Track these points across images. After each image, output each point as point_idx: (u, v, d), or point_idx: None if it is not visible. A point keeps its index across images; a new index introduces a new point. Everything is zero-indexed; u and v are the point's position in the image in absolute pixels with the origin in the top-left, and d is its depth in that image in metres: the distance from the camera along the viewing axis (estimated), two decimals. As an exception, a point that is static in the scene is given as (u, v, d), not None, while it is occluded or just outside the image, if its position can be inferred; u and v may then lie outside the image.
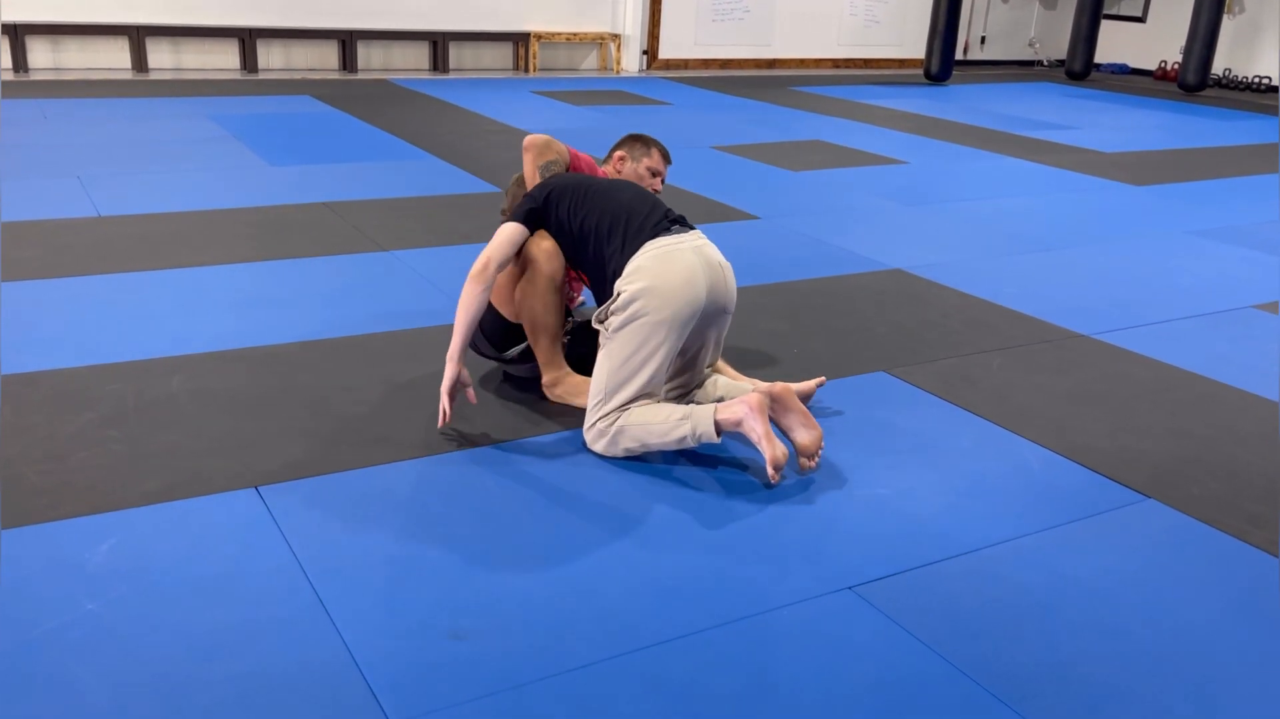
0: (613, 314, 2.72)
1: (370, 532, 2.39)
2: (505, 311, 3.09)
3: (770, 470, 2.61)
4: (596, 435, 2.76)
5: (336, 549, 2.31)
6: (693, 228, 2.86)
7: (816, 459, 2.71)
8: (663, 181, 3.42)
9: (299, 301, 3.85)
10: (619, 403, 2.71)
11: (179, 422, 2.86)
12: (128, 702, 1.82)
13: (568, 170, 3.21)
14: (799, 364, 3.49)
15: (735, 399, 2.67)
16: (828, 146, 7.56)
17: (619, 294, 2.71)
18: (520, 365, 3.24)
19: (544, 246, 2.91)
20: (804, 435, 2.69)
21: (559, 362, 3.05)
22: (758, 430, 2.60)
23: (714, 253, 2.82)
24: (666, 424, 2.67)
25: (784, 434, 2.69)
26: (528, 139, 3.22)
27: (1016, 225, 5.53)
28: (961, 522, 2.55)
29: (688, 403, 2.94)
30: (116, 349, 3.33)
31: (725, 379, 3.02)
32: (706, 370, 3.02)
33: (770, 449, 2.59)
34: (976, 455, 2.91)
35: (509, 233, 2.87)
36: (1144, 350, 3.77)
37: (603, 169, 3.39)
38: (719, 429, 2.64)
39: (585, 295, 3.73)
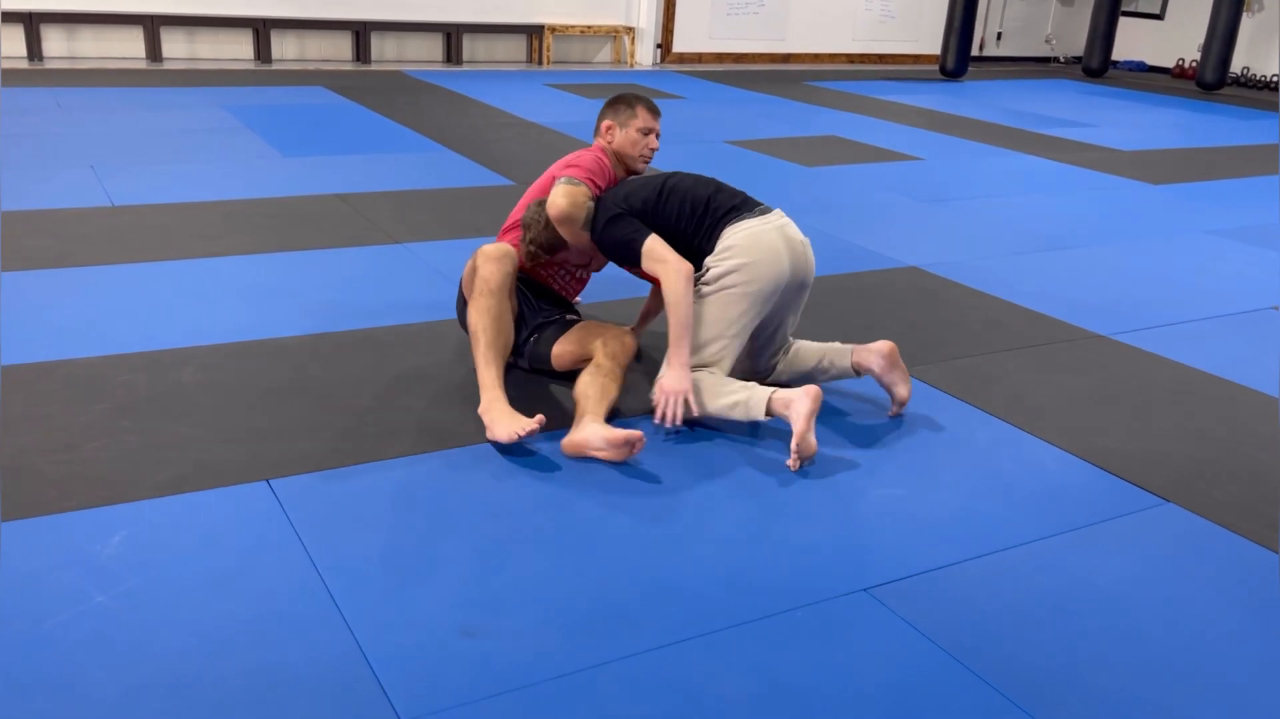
0: (701, 284, 2.90)
1: (382, 526, 2.37)
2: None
3: (794, 457, 2.72)
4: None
5: (348, 543, 2.29)
6: (772, 209, 3.01)
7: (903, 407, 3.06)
8: (658, 137, 3.23)
9: (311, 293, 3.84)
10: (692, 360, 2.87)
11: (191, 413, 2.85)
12: (137, 696, 1.81)
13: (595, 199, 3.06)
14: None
15: (793, 390, 2.79)
16: (842, 142, 7.52)
17: (708, 269, 2.90)
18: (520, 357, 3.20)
19: (487, 251, 2.95)
20: (905, 391, 3.03)
21: (492, 380, 2.84)
22: (801, 414, 2.73)
23: (795, 231, 3.00)
24: (725, 389, 2.85)
25: (888, 388, 3.02)
26: (553, 214, 2.98)
27: (1033, 223, 5.49)
28: (978, 524, 2.53)
29: (774, 368, 3.15)
30: (129, 339, 3.32)
31: (810, 346, 3.15)
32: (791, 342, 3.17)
33: (801, 437, 2.70)
34: (993, 457, 2.88)
35: (659, 242, 2.89)
36: (1163, 351, 3.73)
37: (597, 142, 3.25)
38: (769, 410, 2.79)
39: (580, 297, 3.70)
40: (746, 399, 2.80)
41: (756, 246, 2.87)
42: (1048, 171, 6.92)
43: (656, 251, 2.87)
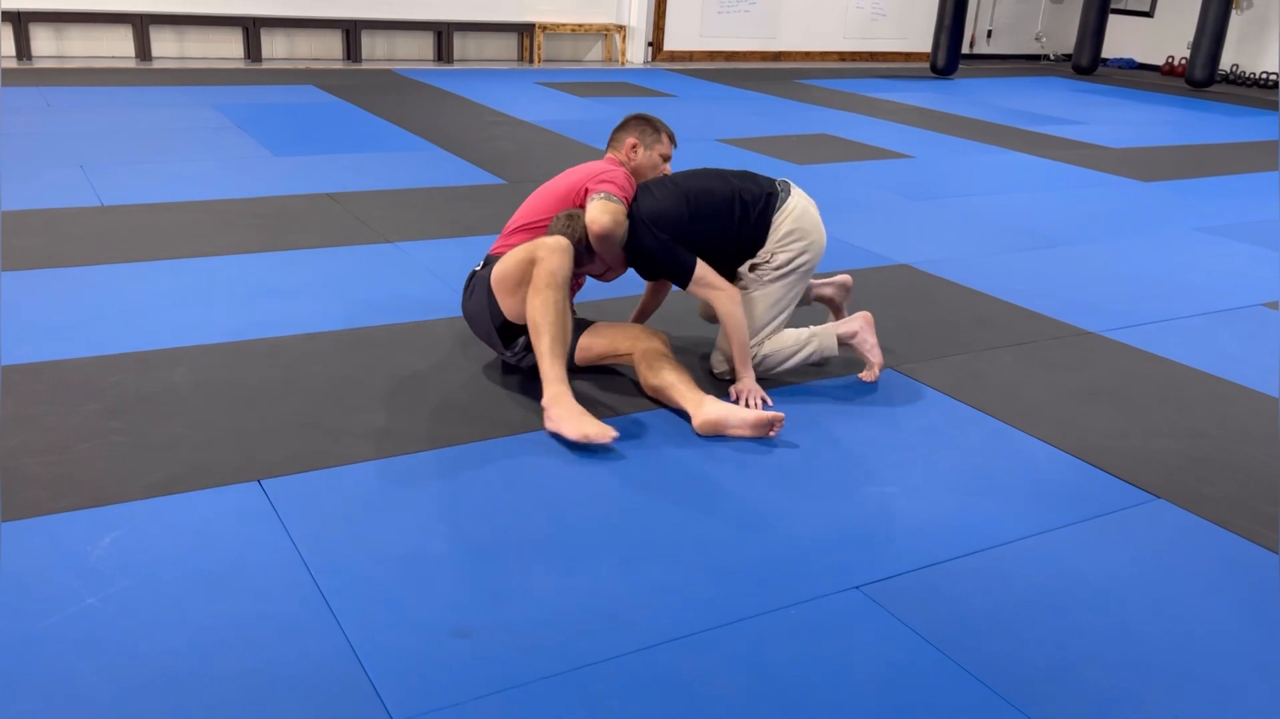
0: (772, 269, 3.14)
1: (374, 526, 2.37)
2: (504, 306, 3.05)
3: (876, 372, 3.28)
4: None
5: (340, 544, 2.29)
6: (789, 183, 3.22)
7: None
8: (669, 163, 3.34)
9: (302, 293, 3.83)
10: (764, 335, 3.17)
11: (182, 413, 2.85)
12: (129, 698, 1.80)
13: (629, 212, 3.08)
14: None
15: (851, 318, 3.28)
16: (833, 140, 7.53)
17: (773, 255, 3.13)
18: (525, 356, 3.21)
19: (550, 244, 2.90)
20: (879, 355, 3.31)
21: (559, 375, 2.87)
22: (869, 342, 3.26)
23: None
24: (797, 344, 3.21)
25: (866, 353, 3.27)
26: (596, 230, 2.96)
27: (1024, 220, 5.50)
28: (970, 520, 2.53)
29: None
30: (119, 340, 3.31)
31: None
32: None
33: (879, 357, 3.27)
34: (985, 454, 2.89)
35: (708, 270, 3.07)
36: (1154, 348, 3.74)
37: (611, 154, 3.30)
38: (840, 341, 3.25)
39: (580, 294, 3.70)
40: (819, 345, 3.22)
41: (811, 225, 3.16)
42: (1038, 169, 6.93)
43: (708, 279, 3.05)
